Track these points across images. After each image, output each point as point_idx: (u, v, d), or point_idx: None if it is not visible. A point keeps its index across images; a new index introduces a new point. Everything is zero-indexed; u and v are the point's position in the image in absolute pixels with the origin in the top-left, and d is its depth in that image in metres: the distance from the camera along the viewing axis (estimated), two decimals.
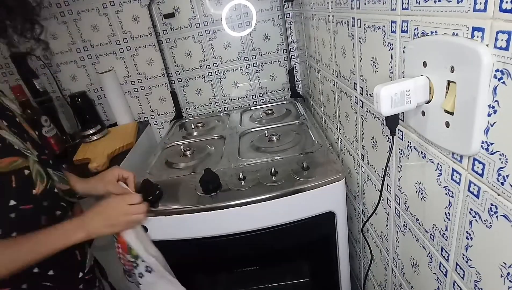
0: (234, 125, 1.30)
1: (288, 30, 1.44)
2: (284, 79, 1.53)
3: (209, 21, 1.39)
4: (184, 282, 1.03)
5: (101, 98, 1.52)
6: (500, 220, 0.34)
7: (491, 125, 0.33)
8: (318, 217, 0.85)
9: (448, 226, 0.45)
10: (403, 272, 0.65)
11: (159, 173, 1.02)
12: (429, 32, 0.40)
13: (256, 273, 1.08)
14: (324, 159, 0.90)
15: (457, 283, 0.45)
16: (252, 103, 1.57)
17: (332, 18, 0.79)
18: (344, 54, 0.76)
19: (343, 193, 0.84)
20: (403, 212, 0.59)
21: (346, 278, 0.99)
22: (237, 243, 0.87)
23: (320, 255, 0.97)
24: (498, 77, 0.31)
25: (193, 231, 0.86)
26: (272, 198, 0.80)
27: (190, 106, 1.57)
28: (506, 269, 0.35)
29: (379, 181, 0.69)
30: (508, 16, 0.28)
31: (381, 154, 0.65)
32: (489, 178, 0.35)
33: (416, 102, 0.42)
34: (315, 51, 1.06)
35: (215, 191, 0.84)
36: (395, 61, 0.51)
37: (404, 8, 0.45)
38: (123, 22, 1.38)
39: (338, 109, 0.91)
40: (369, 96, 0.66)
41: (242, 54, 1.47)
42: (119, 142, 1.26)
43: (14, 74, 1.41)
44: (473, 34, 0.33)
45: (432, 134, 0.43)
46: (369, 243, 0.85)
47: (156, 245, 0.89)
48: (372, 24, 0.57)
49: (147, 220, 0.77)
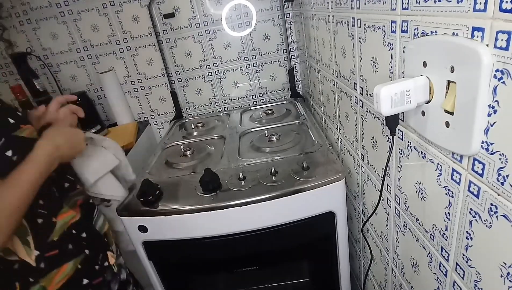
0: (234, 125, 1.30)
1: (288, 30, 1.44)
2: (284, 79, 1.53)
3: (209, 21, 1.39)
4: (184, 282, 1.03)
5: (101, 98, 1.52)
6: (500, 220, 0.34)
7: (491, 125, 0.33)
8: (318, 217, 0.85)
9: (448, 226, 0.45)
10: (403, 272, 0.65)
11: (159, 173, 1.02)
12: (429, 32, 0.40)
13: (256, 273, 1.08)
14: (324, 159, 0.90)
15: (457, 283, 0.45)
16: (252, 103, 1.57)
17: (332, 18, 0.79)
18: (344, 54, 0.76)
19: (343, 193, 0.84)
20: (403, 212, 0.59)
21: (346, 278, 0.99)
22: (237, 243, 0.87)
23: (320, 255, 0.97)
24: (498, 77, 0.31)
25: (193, 231, 0.86)
26: (272, 198, 0.80)
27: (190, 106, 1.57)
28: (506, 269, 0.35)
29: (379, 181, 0.69)
30: (508, 16, 0.28)
31: (381, 154, 0.65)
32: (489, 178, 0.35)
33: (416, 102, 0.42)
34: (315, 51, 1.06)
35: (215, 191, 0.84)
36: (395, 61, 0.51)
37: (404, 8, 0.45)
38: (123, 22, 1.38)
39: (338, 109, 0.91)
40: (369, 96, 0.66)
41: (242, 54, 1.47)
42: (119, 142, 1.25)
43: (14, 74, 1.42)
44: (473, 34, 0.33)
45: (432, 134, 0.43)
46: (369, 243, 0.85)
47: (156, 245, 0.89)
48: (372, 24, 0.57)
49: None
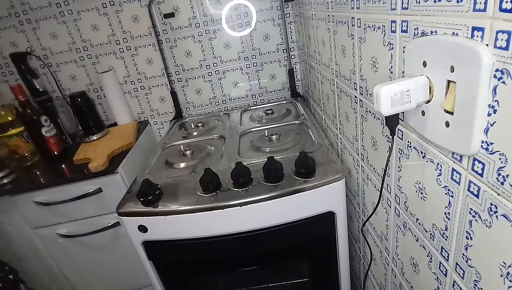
0: (234, 125, 1.30)
1: (288, 30, 1.44)
2: (284, 79, 1.53)
3: (209, 21, 1.39)
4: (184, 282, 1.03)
5: (101, 98, 1.52)
6: (500, 219, 0.34)
7: (491, 125, 0.33)
8: (318, 217, 0.85)
9: (448, 226, 0.45)
10: (403, 271, 0.65)
11: (159, 173, 1.02)
12: (429, 31, 0.40)
13: (256, 273, 1.08)
14: (324, 159, 0.90)
15: (457, 283, 0.45)
16: (252, 103, 1.57)
17: (332, 17, 0.79)
18: (344, 54, 0.76)
19: (343, 193, 0.84)
20: (403, 212, 0.59)
21: (346, 278, 0.99)
22: (237, 243, 0.87)
23: (320, 255, 0.97)
24: (498, 77, 0.31)
25: (193, 231, 0.86)
26: (272, 198, 0.80)
27: (190, 106, 1.57)
28: (506, 268, 0.35)
29: (379, 181, 0.69)
30: (508, 16, 0.28)
31: (381, 154, 0.65)
32: (489, 178, 0.35)
33: (416, 102, 0.42)
34: (315, 51, 1.06)
35: (215, 191, 0.84)
36: (395, 60, 0.51)
37: (404, 8, 0.45)
38: (123, 22, 1.38)
39: (338, 109, 0.91)
40: (369, 96, 0.66)
41: (242, 54, 1.47)
42: (119, 142, 1.26)
43: (14, 74, 1.41)
44: (473, 34, 0.33)
45: (432, 134, 0.43)
46: (369, 243, 0.85)
47: (156, 245, 0.89)
48: (372, 23, 0.57)
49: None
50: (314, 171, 0.84)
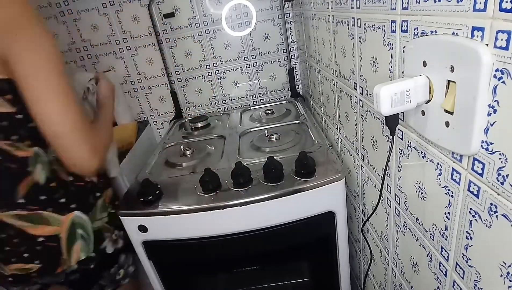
0: (234, 125, 1.30)
1: (288, 30, 1.44)
2: (284, 79, 1.53)
3: (209, 20, 1.39)
4: (184, 281, 1.03)
5: None
6: (500, 219, 0.34)
7: (491, 125, 0.33)
8: (318, 217, 0.85)
9: (448, 226, 0.45)
10: (403, 271, 0.65)
11: (159, 173, 1.02)
12: (429, 31, 0.40)
13: (256, 273, 1.08)
14: (324, 159, 0.90)
15: (457, 283, 0.45)
16: (252, 102, 1.57)
17: (332, 17, 0.79)
18: (344, 53, 0.76)
19: (343, 193, 0.84)
20: (403, 211, 0.59)
21: (346, 278, 0.99)
22: (237, 243, 0.87)
23: (320, 255, 0.97)
24: (498, 77, 0.31)
25: (193, 231, 0.86)
26: (272, 198, 0.80)
27: (190, 106, 1.57)
28: (506, 268, 0.35)
29: (379, 180, 0.69)
30: (508, 16, 0.28)
31: (381, 153, 0.65)
32: (489, 178, 0.35)
33: (416, 101, 0.42)
34: (315, 51, 1.06)
35: (215, 191, 0.84)
36: (395, 60, 0.51)
37: (404, 8, 0.45)
38: (123, 22, 1.38)
39: (338, 108, 0.91)
40: (369, 96, 0.66)
41: (242, 54, 1.47)
42: (119, 142, 1.26)
43: None
44: (473, 34, 0.33)
45: (432, 134, 0.43)
46: (369, 242, 0.85)
47: (156, 245, 0.89)
48: (372, 23, 0.57)
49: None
50: (314, 171, 0.84)
